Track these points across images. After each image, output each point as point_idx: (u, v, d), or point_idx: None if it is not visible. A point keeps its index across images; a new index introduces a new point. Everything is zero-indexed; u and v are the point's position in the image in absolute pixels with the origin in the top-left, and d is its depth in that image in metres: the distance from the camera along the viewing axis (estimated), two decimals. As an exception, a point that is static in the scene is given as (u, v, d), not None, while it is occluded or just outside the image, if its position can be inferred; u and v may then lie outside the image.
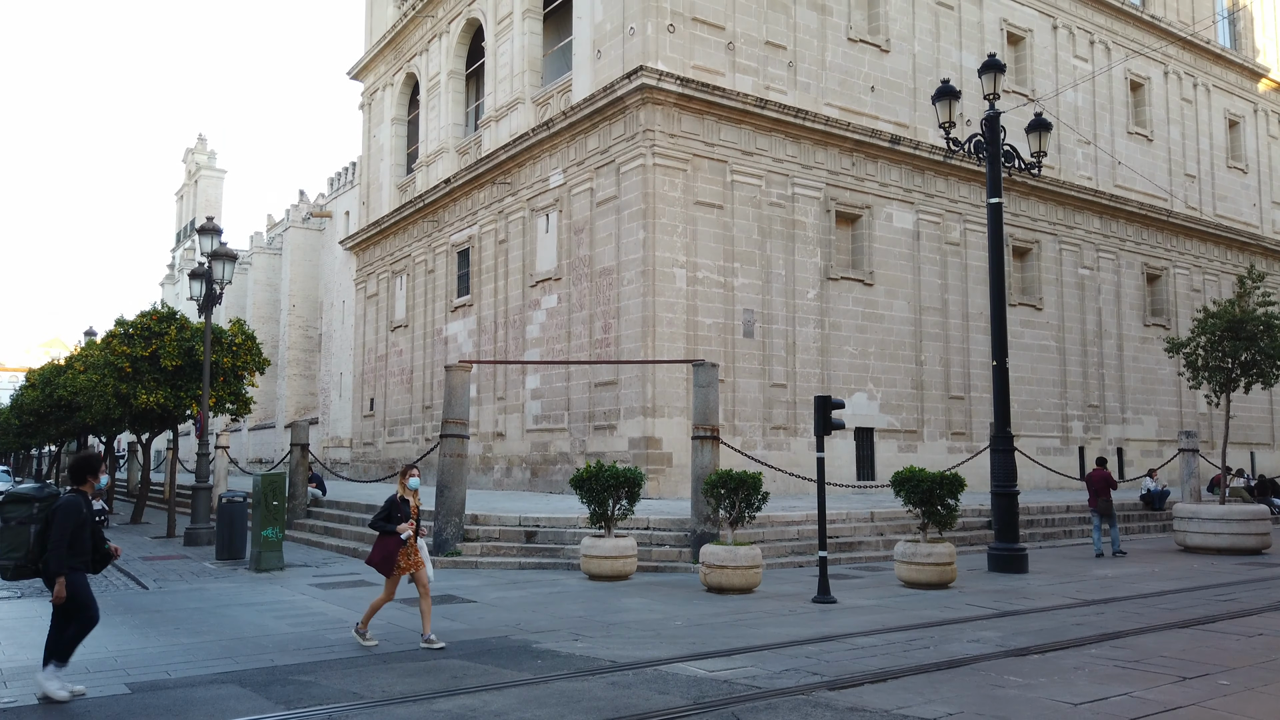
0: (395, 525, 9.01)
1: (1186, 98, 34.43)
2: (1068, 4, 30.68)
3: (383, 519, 9.09)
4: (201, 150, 68.66)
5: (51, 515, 6.92)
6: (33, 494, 7.09)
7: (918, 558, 12.99)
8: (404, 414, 32.58)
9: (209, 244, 20.16)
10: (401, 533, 9.00)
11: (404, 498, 9.23)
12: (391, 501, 9.18)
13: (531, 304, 25.65)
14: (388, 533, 9.04)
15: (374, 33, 36.79)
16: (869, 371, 24.78)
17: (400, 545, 9.04)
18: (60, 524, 6.87)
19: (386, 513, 9.11)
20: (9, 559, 6.98)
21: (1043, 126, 17.46)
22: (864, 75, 25.57)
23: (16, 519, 6.95)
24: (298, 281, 49.11)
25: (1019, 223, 28.56)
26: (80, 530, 7.00)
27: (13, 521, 6.95)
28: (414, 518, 9.19)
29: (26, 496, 7.08)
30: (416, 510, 9.31)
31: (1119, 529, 17.95)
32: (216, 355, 22.00)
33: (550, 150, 25.11)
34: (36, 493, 7.09)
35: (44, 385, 33.12)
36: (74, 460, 7.29)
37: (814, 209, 24.25)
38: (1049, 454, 27.97)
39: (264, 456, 49.30)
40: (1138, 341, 31.85)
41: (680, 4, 22.29)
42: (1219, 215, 35.01)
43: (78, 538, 7.00)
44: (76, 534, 6.98)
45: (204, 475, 20.43)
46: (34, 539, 6.95)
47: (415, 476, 9.43)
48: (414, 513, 9.23)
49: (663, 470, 21.08)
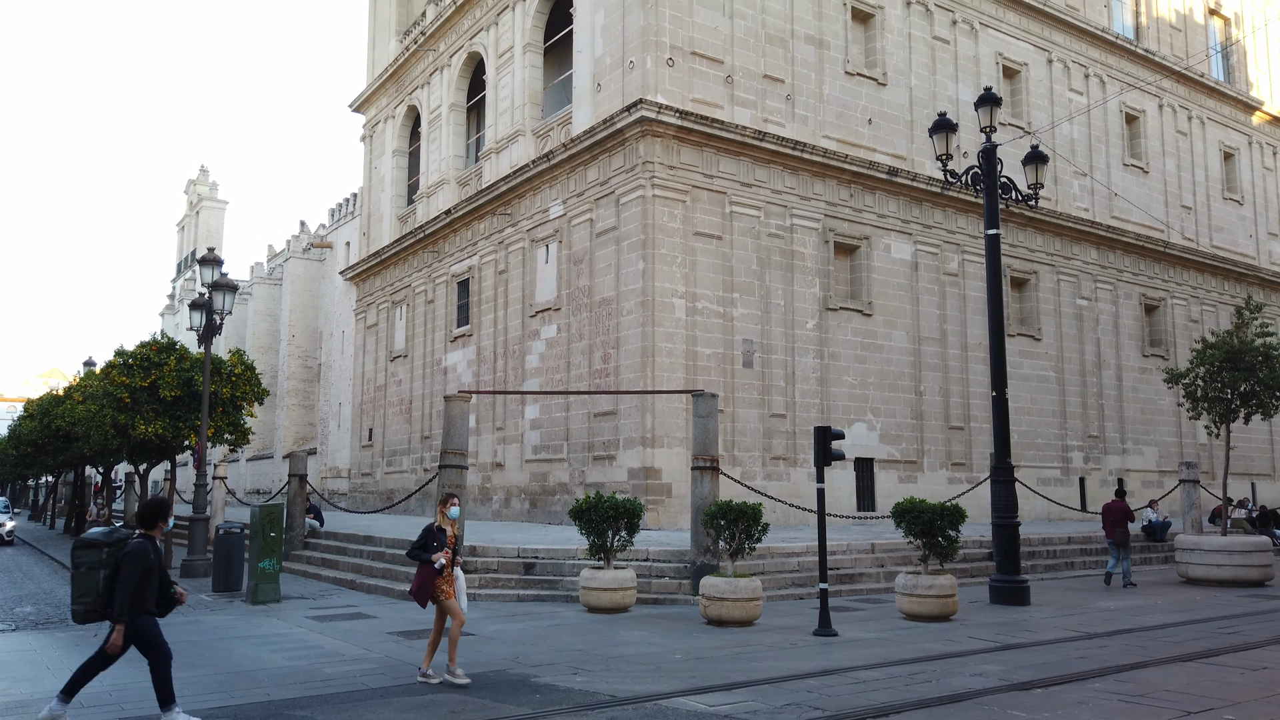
0: (431, 554, 8.88)
1: (1181, 130, 34.72)
2: (1062, 38, 31.03)
3: (420, 547, 8.96)
4: (203, 181, 69.10)
5: (120, 560, 6.97)
6: (102, 539, 7.16)
7: (919, 590, 12.91)
8: (403, 444, 32.51)
9: (210, 275, 20.21)
10: (435, 561, 8.84)
11: (441, 526, 9.11)
12: (429, 530, 9.07)
13: (531, 334, 25.69)
14: (425, 562, 8.90)
15: (376, 66, 37.16)
16: (868, 402, 24.76)
17: (437, 574, 8.89)
18: (128, 570, 6.92)
19: (424, 541, 8.98)
20: (79, 603, 7.06)
21: (1039, 159, 17.59)
22: (861, 108, 25.80)
23: (86, 564, 7.05)
24: (297, 312, 49.21)
25: (1017, 253, 28.69)
26: (149, 575, 7.06)
27: (83, 566, 7.05)
28: (451, 546, 9.07)
29: (96, 542, 7.16)
30: (454, 539, 9.19)
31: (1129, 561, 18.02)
32: (216, 386, 21.98)
33: (550, 182, 25.27)
34: (106, 538, 7.16)
35: (42, 416, 33.07)
36: (144, 506, 7.38)
37: (813, 240, 24.36)
38: (1049, 485, 27.88)
39: (262, 487, 49.11)
40: (1137, 372, 31.87)
41: (679, 39, 22.55)
42: (1216, 246, 35.17)
43: (146, 582, 7.06)
44: (145, 579, 7.03)
45: (201, 506, 20.34)
46: (103, 584, 7.01)
47: (456, 505, 9.33)
48: (451, 541, 9.10)
49: (662, 501, 21.00)
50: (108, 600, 6.98)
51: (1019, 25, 29.84)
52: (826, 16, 25.33)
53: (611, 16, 23.43)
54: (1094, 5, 32.35)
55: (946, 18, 27.93)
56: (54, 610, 15.39)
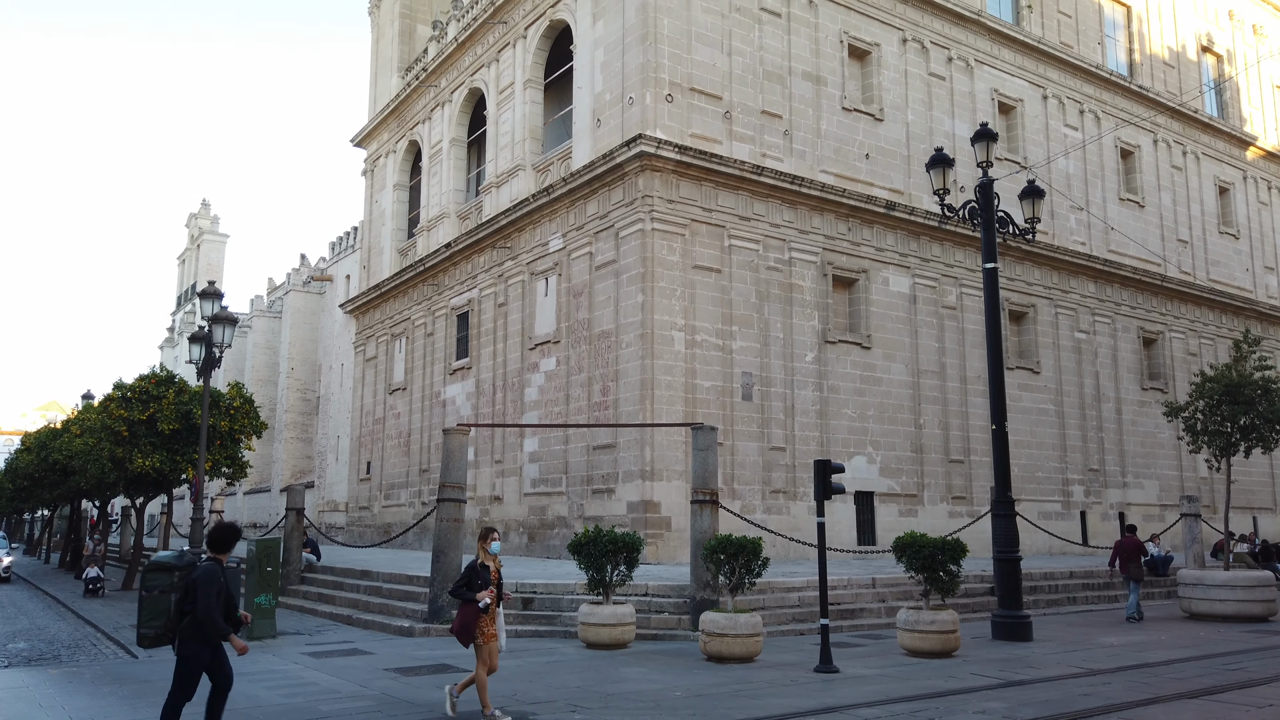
0: (475, 593, 8.63)
1: (1176, 165, 34.99)
2: (1057, 75, 31.37)
3: (463, 585, 8.71)
4: (205, 215, 69.47)
5: (192, 584, 6.96)
6: (173, 562, 7.19)
7: (920, 625, 12.79)
8: (401, 477, 32.38)
9: (210, 308, 20.25)
10: (480, 600, 8.61)
11: (484, 563, 8.86)
12: (472, 568, 8.80)
13: (530, 367, 25.70)
14: (468, 600, 8.64)
15: (378, 102, 37.51)
16: (868, 435, 24.72)
17: (480, 614, 8.65)
18: (205, 591, 6.90)
19: (467, 579, 8.72)
20: (149, 627, 7.05)
21: (1035, 193, 17.71)
22: (859, 143, 26.02)
23: (159, 588, 7.06)
24: (297, 344, 49.24)
25: (1014, 287, 28.78)
26: (218, 598, 7.05)
27: (155, 590, 7.05)
28: (494, 583, 8.83)
29: (167, 565, 7.19)
30: (497, 576, 8.93)
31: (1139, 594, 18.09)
32: (214, 419, 21.95)
33: (550, 215, 25.41)
34: (176, 561, 7.19)
35: (39, 449, 32.95)
36: (214, 530, 7.37)
37: (811, 273, 24.45)
38: (1050, 518, 27.75)
39: (259, 520, 48.84)
40: (1136, 405, 31.85)
41: (678, 75, 22.79)
42: (1212, 280, 35.31)
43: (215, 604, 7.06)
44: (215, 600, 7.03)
45: (197, 540, 20.19)
46: (174, 607, 7.01)
47: (497, 541, 9.09)
48: (494, 578, 8.86)
49: (661, 535, 20.88)
50: (176, 624, 6.96)
51: (1014, 62, 30.18)
52: (823, 54, 25.63)
53: (611, 54, 23.69)
54: (1088, 42, 32.74)
55: (942, 55, 28.26)
56: (47, 646, 15.23)
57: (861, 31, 26.49)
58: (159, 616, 7.00)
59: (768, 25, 24.63)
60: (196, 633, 6.88)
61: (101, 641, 15.36)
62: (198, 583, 6.90)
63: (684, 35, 22.99)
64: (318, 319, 48.84)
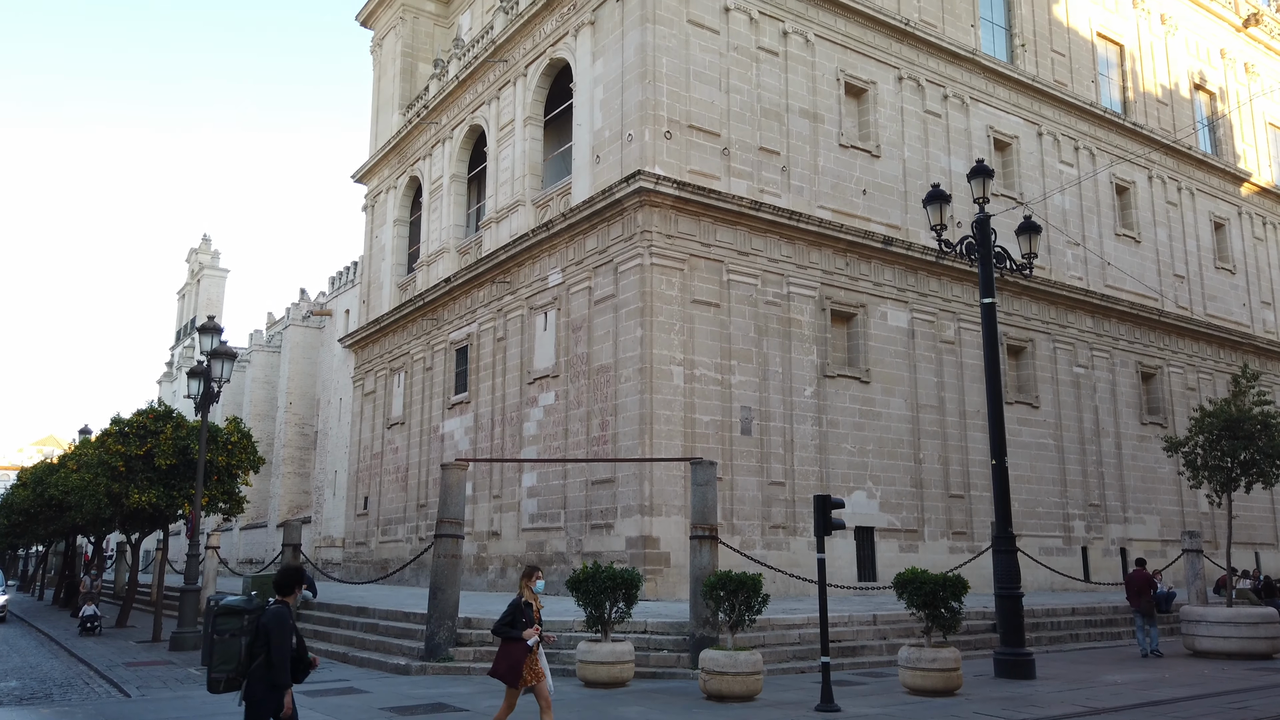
0: (520, 631, 8.44)
1: (1171, 201, 35.23)
2: (1052, 112, 31.69)
3: (506, 624, 8.50)
4: (205, 250, 69.74)
5: (262, 628, 6.89)
6: (242, 606, 7.12)
7: (922, 663, 12.67)
8: (398, 513, 32.21)
9: (209, 343, 20.26)
10: (528, 639, 8.44)
11: (527, 601, 8.70)
12: (515, 606, 8.62)
13: (529, 401, 25.67)
14: (512, 639, 8.44)
15: (379, 138, 37.83)
16: (868, 470, 24.64)
17: (527, 653, 8.46)
18: (278, 635, 6.84)
19: (511, 617, 8.53)
20: (220, 671, 6.95)
21: (1032, 229, 17.82)
22: (856, 179, 26.22)
23: (229, 631, 6.98)
24: (296, 379, 49.22)
25: (1012, 322, 28.85)
26: (288, 640, 6.98)
27: (225, 634, 6.97)
28: (538, 622, 8.68)
29: (237, 609, 7.10)
30: (540, 614, 8.79)
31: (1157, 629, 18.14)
32: (211, 454, 21.87)
33: (549, 250, 25.53)
34: (246, 604, 7.13)
35: (35, 484, 32.76)
36: (281, 572, 7.32)
37: (809, 308, 24.52)
38: (1051, 554, 27.57)
39: (255, 557, 48.52)
40: (1136, 440, 31.78)
41: (677, 113, 23.02)
42: (1210, 315, 35.41)
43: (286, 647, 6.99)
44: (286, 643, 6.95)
45: (193, 577, 20.04)
46: (244, 651, 6.93)
47: (541, 579, 8.95)
48: (537, 617, 8.71)
49: (660, 571, 20.73)
50: (246, 668, 6.87)
51: (1009, 100, 30.50)
52: (820, 91, 25.91)
53: (610, 92, 23.95)
54: (1082, 80, 33.12)
55: (937, 93, 28.56)
56: (39, 685, 15.05)
57: (858, 70, 26.80)
58: (229, 661, 6.95)
59: (765, 64, 24.92)
60: (266, 676, 6.79)
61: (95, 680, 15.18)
62: (269, 626, 6.83)
63: (682, 74, 23.26)
64: (317, 354, 48.87)
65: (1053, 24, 32.70)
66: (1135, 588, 17.83)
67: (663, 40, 23.04)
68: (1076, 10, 33.68)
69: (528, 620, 8.54)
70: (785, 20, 25.51)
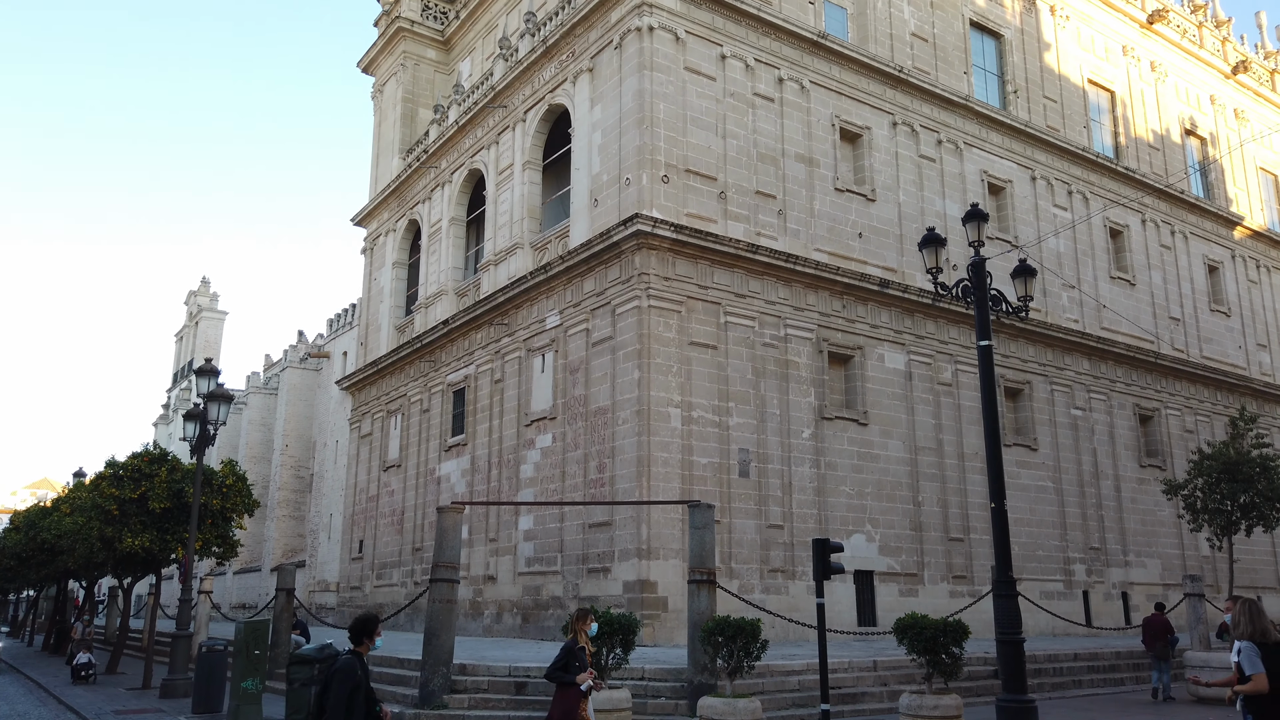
0: (574, 675, 8.27)
1: (1165, 244, 35.48)
2: (1045, 157, 32.03)
3: (560, 668, 8.32)
4: (204, 292, 69.97)
5: (330, 678, 6.79)
6: (314, 655, 7.16)
7: (924, 710, 12.49)
8: (393, 556, 31.93)
9: (206, 385, 20.21)
10: (582, 684, 8.25)
11: (582, 645, 8.55)
12: (569, 650, 8.46)
13: (526, 443, 25.58)
14: (567, 684, 8.26)
15: (379, 182, 38.15)
16: (866, 512, 24.50)
17: (582, 699, 8.27)
18: (338, 688, 6.69)
19: (564, 662, 8.35)
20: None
21: (1027, 272, 17.89)
22: (851, 222, 26.41)
23: (300, 680, 6.96)
24: (292, 421, 49.06)
25: (1009, 364, 28.88)
26: (355, 693, 6.81)
27: (296, 683, 6.97)
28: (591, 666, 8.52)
29: (308, 658, 7.13)
30: (592, 658, 8.65)
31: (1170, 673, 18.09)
32: (206, 497, 21.71)
33: (547, 293, 25.62)
34: (317, 654, 7.12)
35: (28, 528, 32.49)
36: (355, 621, 7.23)
37: (807, 350, 24.56)
38: (1053, 598, 27.32)
39: (248, 601, 47.96)
40: (1135, 483, 31.65)
41: (674, 157, 23.25)
42: (1206, 357, 35.47)
43: (353, 701, 6.81)
44: (352, 697, 6.79)
45: (185, 622, 19.79)
46: (314, 700, 6.87)
47: (595, 623, 8.84)
48: (590, 660, 8.55)
49: (658, 616, 20.51)
50: (318, 717, 6.78)
51: (1002, 144, 30.85)
52: (816, 136, 26.20)
53: (609, 136, 24.21)
54: (1074, 125, 33.54)
55: (932, 138, 28.90)
56: (25, 733, 14.78)
57: (852, 115, 27.13)
58: (299, 710, 6.95)
59: (761, 110, 25.24)
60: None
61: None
62: (334, 677, 6.73)
63: (679, 119, 23.54)
64: (314, 395, 48.77)
65: (1044, 71, 33.19)
66: (1153, 631, 17.95)
67: (660, 87, 23.36)
68: (1067, 58, 34.21)
69: (581, 664, 8.35)
70: (780, 67, 25.88)
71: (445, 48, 38.50)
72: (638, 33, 23.58)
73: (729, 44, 24.95)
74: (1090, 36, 35.40)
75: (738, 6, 25.03)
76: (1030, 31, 33.16)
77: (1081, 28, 35.12)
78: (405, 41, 37.80)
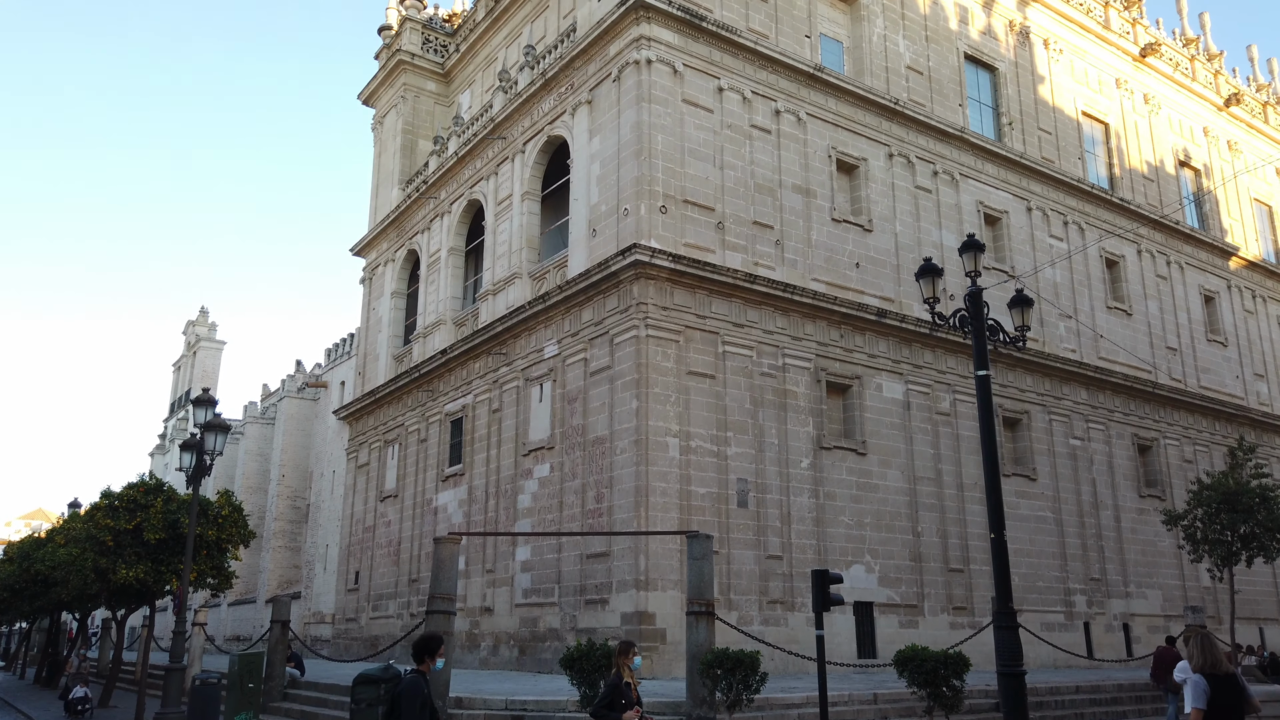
0: (620, 714, 8.06)
1: (1161, 274, 35.64)
2: (1040, 188, 32.25)
3: (606, 706, 8.09)
4: (203, 322, 70.03)
5: (397, 698, 6.85)
6: (379, 675, 7.25)
7: (925, 744, 12.35)
8: (389, 588, 31.69)
9: (203, 415, 20.15)
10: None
11: (627, 681, 8.30)
12: (614, 686, 8.22)
13: (524, 473, 25.49)
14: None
15: (379, 212, 38.33)
16: (866, 543, 24.38)
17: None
18: (407, 705, 6.76)
19: (609, 698, 8.12)
20: None
21: (1024, 302, 17.95)
22: (849, 253, 26.53)
23: (366, 700, 7.06)
24: (289, 451, 48.92)
25: (1007, 393, 28.87)
26: (424, 710, 6.90)
27: (363, 703, 7.05)
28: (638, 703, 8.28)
29: (374, 678, 7.25)
30: (637, 693, 8.37)
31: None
32: (201, 528, 21.58)
33: (545, 322, 25.66)
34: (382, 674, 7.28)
35: (21, 559, 32.21)
36: (418, 641, 7.31)
37: (805, 379, 24.56)
38: (1053, 630, 27.12)
39: (243, 633, 47.54)
40: (1134, 513, 31.54)
41: (672, 188, 23.40)
42: (1203, 387, 35.49)
43: (422, 717, 6.91)
44: (421, 713, 6.89)
45: (178, 655, 19.56)
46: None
47: (639, 656, 8.57)
48: (635, 696, 8.30)
49: (656, 648, 20.33)
50: None
51: (998, 175, 31.07)
52: (812, 168, 26.39)
53: (607, 167, 24.38)
54: (1069, 157, 33.80)
55: (928, 169, 29.11)
56: (15, 768, 14.59)
57: (849, 147, 27.35)
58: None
59: (758, 141, 25.44)
60: None
61: (72, 763, 14.72)
62: (401, 696, 6.79)
63: (677, 150, 23.71)
64: (311, 425, 48.66)
65: (1039, 103, 33.51)
66: (1164, 664, 17.79)
67: (658, 119, 23.55)
68: (1061, 90, 34.56)
69: (626, 701, 8.13)
70: (777, 99, 26.11)
71: (445, 80, 38.84)
72: (636, 66, 23.82)
73: (726, 77, 25.20)
74: (1084, 70, 35.79)
75: (735, 40, 25.31)
76: (1024, 65, 33.52)
77: (1075, 61, 35.50)
78: (406, 74, 38.14)
